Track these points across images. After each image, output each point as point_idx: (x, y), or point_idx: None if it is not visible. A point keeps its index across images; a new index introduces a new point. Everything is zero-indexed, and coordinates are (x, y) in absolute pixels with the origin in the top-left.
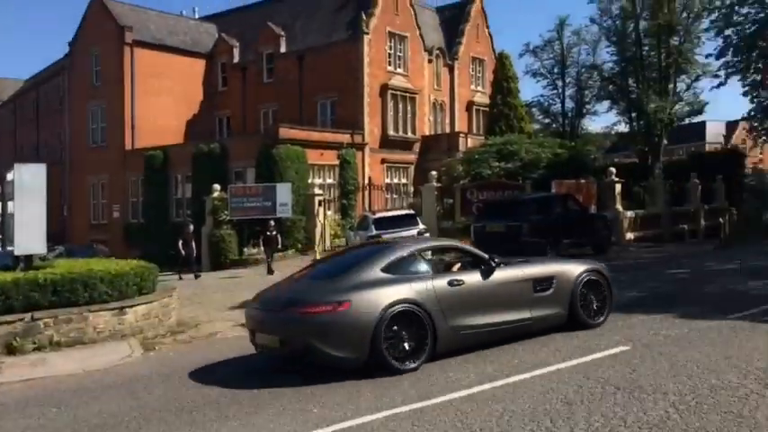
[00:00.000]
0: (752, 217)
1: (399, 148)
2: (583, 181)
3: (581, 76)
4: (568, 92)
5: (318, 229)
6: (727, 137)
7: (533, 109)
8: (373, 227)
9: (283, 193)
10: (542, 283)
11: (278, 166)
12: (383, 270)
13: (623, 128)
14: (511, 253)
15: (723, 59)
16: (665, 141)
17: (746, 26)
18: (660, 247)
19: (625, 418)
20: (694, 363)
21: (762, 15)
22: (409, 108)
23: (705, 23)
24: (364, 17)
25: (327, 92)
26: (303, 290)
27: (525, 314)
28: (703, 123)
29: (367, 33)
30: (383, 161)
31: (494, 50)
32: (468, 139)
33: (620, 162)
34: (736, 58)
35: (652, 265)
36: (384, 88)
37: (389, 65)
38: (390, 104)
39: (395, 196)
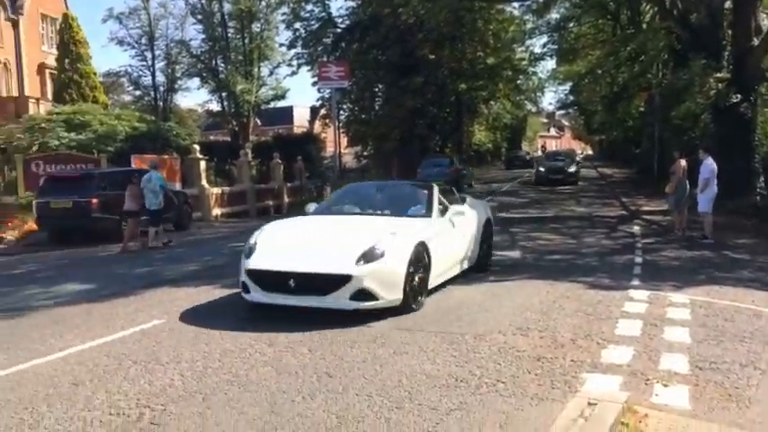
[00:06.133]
0: (317, 194)
1: None
2: (166, 157)
3: (171, 51)
4: (159, 65)
5: None
6: (312, 121)
7: (122, 79)
8: None
9: None
10: None
11: None
12: None
13: (216, 106)
14: (80, 231)
15: (294, 50)
16: (259, 122)
17: (312, 22)
18: (244, 222)
19: (128, 391)
20: (218, 330)
21: (323, 14)
22: None
23: (282, 15)
24: None
25: None
26: None
27: None
28: (291, 108)
29: None
30: None
31: (69, 10)
32: (41, 106)
33: (215, 140)
34: (305, 51)
35: (220, 240)
36: None
37: None
38: None
39: None
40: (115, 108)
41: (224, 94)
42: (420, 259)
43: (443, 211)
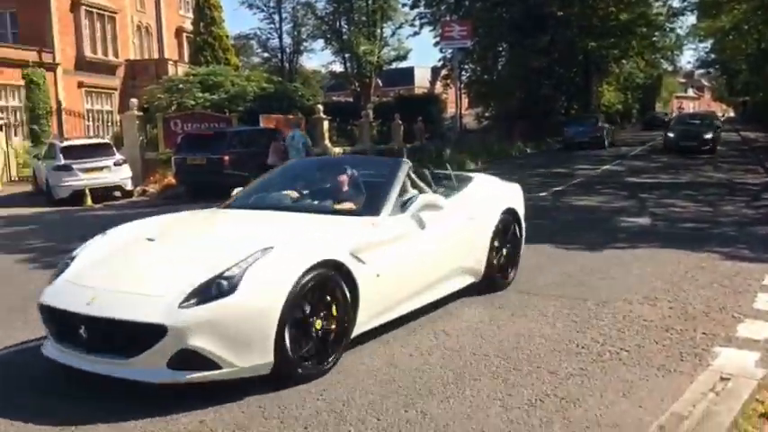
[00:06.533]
0: (436, 155)
1: (100, 71)
2: (291, 116)
3: (297, 13)
4: (285, 27)
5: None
6: (433, 82)
7: (251, 42)
8: (61, 156)
9: None
10: None
11: None
12: None
13: (338, 67)
14: (213, 186)
15: (417, 10)
16: (380, 83)
17: None
18: None
19: None
20: None
21: None
22: (109, 28)
23: None
24: None
25: (3, 1)
26: None
27: None
28: (412, 68)
29: None
30: (81, 85)
31: None
32: (179, 67)
33: (338, 101)
34: (427, 10)
35: None
36: (76, 3)
37: None
38: (86, 22)
39: (97, 124)
40: (245, 69)
41: (347, 56)
42: (327, 291)
43: (404, 205)
